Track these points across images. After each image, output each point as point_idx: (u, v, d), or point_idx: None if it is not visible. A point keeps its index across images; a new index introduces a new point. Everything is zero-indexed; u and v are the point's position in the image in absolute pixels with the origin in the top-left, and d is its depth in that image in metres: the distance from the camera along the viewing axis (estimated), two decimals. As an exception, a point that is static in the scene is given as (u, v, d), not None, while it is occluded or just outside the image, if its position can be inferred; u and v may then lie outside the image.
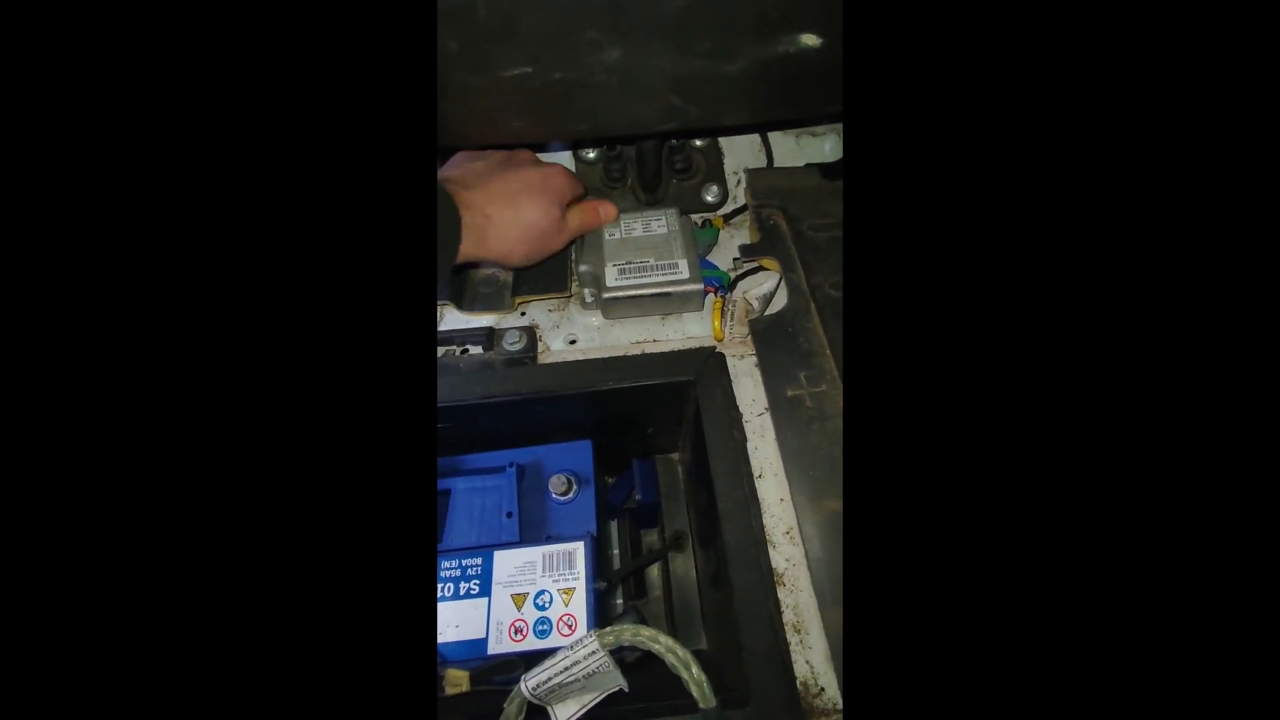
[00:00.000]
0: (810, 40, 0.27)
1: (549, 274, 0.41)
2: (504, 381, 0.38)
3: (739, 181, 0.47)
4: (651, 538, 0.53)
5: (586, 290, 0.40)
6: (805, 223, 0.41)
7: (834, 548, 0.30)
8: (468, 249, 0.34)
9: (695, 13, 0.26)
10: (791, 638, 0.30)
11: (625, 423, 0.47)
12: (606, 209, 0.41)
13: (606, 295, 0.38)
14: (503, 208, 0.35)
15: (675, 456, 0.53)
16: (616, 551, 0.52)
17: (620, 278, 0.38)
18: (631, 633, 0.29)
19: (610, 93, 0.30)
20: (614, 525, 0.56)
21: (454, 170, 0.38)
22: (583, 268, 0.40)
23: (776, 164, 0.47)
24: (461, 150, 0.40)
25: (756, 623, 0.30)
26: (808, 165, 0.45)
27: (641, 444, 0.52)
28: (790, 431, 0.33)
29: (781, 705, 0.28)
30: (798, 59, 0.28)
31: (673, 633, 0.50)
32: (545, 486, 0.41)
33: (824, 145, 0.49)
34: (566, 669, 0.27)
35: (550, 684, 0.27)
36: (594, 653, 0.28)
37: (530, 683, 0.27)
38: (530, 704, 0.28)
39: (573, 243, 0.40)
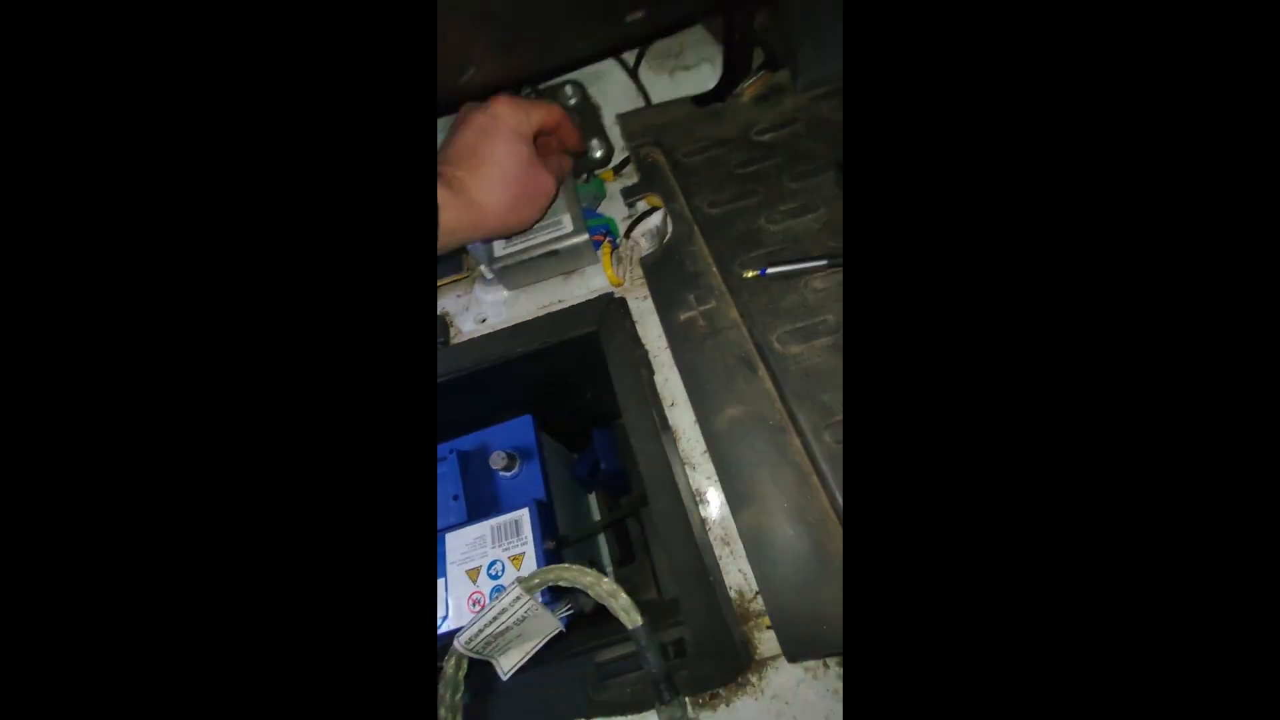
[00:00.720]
0: None
1: (442, 259, 0.42)
2: (416, 370, 0.39)
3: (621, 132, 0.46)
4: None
5: (482, 266, 0.41)
6: (680, 151, 0.40)
7: (738, 452, 0.30)
8: (454, 220, 0.30)
9: None
10: (721, 550, 0.30)
11: (562, 391, 0.48)
12: (568, 132, 0.36)
13: (496, 265, 0.39)
14: (471, 163, 0.31)
15: (630, 417, 0.53)
16: (599, 521, 0.52)
17: (507, 245, 0.39)
18: (555, 574, 0.29)
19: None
20: (592, 498, 0.56)
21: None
22: (472, 245, 0.40)
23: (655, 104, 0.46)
24: None
25: (680, 543, 0.30)
26: (681, 99, 0.45)
27: (592, 412, 0.53)
28: (687, 353, 0.33)
29: (712, 614, 0.28)
30: None
31: (657, 586, 0.51)
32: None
33: (701, 77, 0.48)
34: (495, 618, 0.28)
35: (483, 636, 0.28)
36: (519, 598, 0.28)
37: (463, 638, 0.28)
38: (473, 660, 0.29)
39: (560, 184, 0.36)
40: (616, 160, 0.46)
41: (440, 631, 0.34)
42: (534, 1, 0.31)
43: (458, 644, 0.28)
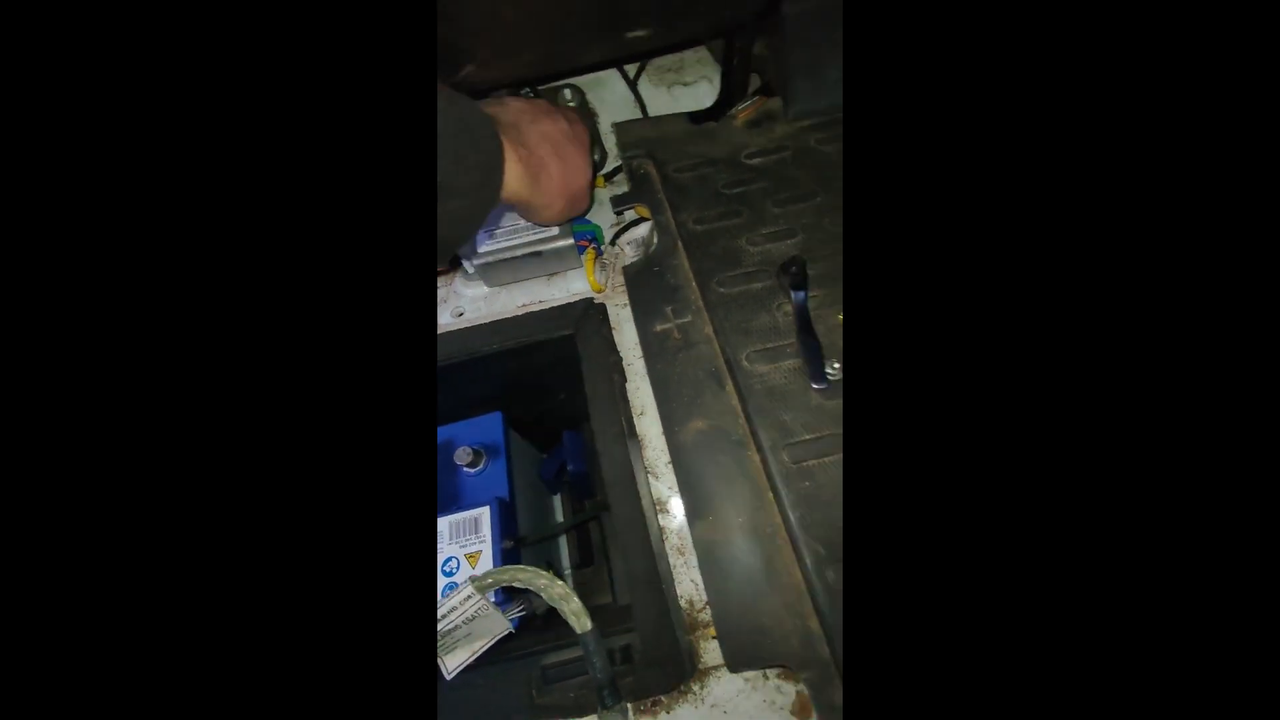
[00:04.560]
0: None
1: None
2: (386, 358, 0.38)
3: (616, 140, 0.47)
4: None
5: (465, 261, 0.41)
6: (671, 166, 0.41)
7: (700, 464, 0.30)
8: (517, 188, 0.31)
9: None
10: (675, 560, 0.31)
11: (534, 390, 0.48)
12: None
13: (478, 261, 0.39)
14: (551, 155, 0.33)
15: (601, 421, 0.53)
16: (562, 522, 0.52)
17: (491, 242, 0.39)
18: (510, 574, 0.29)
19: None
20: (557, 500, 0.56)
21: (494, 106, 0.33)
22: (458, 239, 0.40)
23: (650, 116, 0.47)
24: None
25: (636, 550, 0.30)
26: (677, 114, 0.46)
27: (564, 413, 0.53)
28: (660, 363, 0.34)
29: (661, 622, 0.28)
30: None
31: (613, 591, 0.51)
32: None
33: (698, 94, 0.49)
34: (444, 616, 0.28)
35: (431, 633, 0.28)
36: (469, 597, 0.28)
37: (410, 634, 0.28)
38: (418, 657, 0.28)
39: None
40: (608, 168, 0.47)
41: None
42: (539, 14, 0.31)
43: (403, 639, 0.28)
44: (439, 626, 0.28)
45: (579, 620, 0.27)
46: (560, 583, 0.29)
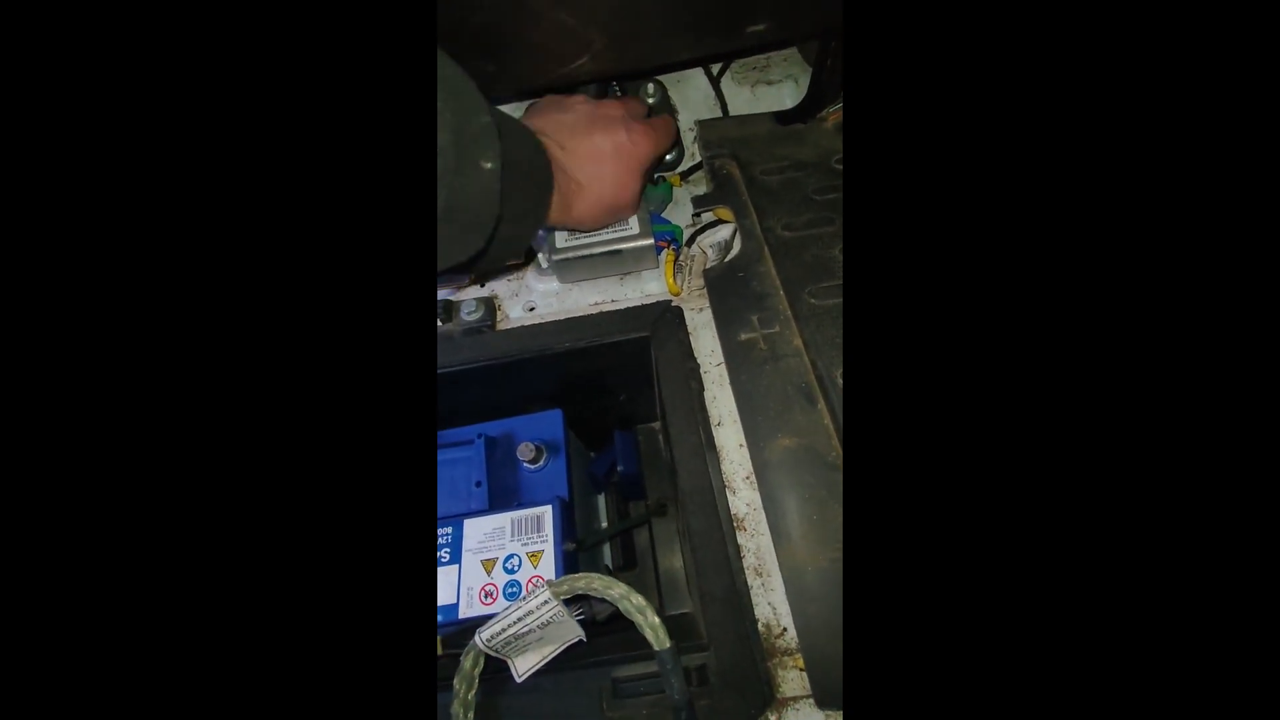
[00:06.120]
0: None
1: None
2: (459, 350, 0.38)
3: (696, 138, 0.46)
4: (642, 509, 0.53)
5: (541, 255, 0.40)
6: (757, 168, 0.40)
7: (788, 484, 0.29)
8: (553, 214, 0.32)
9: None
10: (753, 580, 0.29)
11: (595, 390, 0.47)
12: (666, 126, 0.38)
13: (556, 257, 0.38)
14: (592, 176, 0.33)
15: (656, 426, 0.53)
16: (605, 525, 0.52)
17: (569, 238, 0.38)
18: (585, 581, 0.28)
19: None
20: (601, 499, 0.56)
21: (542, 120, 0.33)
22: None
23: (731, 115, 0.46)
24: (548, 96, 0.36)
25: (714, 567, 0.29)
26: (762, 114, 0.44)
27: (619, 413, 0.52)
28: (744, 375, 0.33)
29: (741, 645, 0.27)
30: None
31: (659, 598, 0.50)
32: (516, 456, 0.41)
33: (782, 94, 0.48)
34: (520, 619, 0.27)
35: (505, 635, 0.27)
36: (546, 602, 0.27)
37: (485, 635, 0.27)
38: (490, 657, 0.28)
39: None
40: (685, 165, 0.45)
41: (455, 619, 0.33)
42: (665, 9, 0.30)
43: (479, 640, 0.27)
44: (515, 629, 0.27)
45: (657, 636, 0.27)
46: (638, 595, 0.28)
